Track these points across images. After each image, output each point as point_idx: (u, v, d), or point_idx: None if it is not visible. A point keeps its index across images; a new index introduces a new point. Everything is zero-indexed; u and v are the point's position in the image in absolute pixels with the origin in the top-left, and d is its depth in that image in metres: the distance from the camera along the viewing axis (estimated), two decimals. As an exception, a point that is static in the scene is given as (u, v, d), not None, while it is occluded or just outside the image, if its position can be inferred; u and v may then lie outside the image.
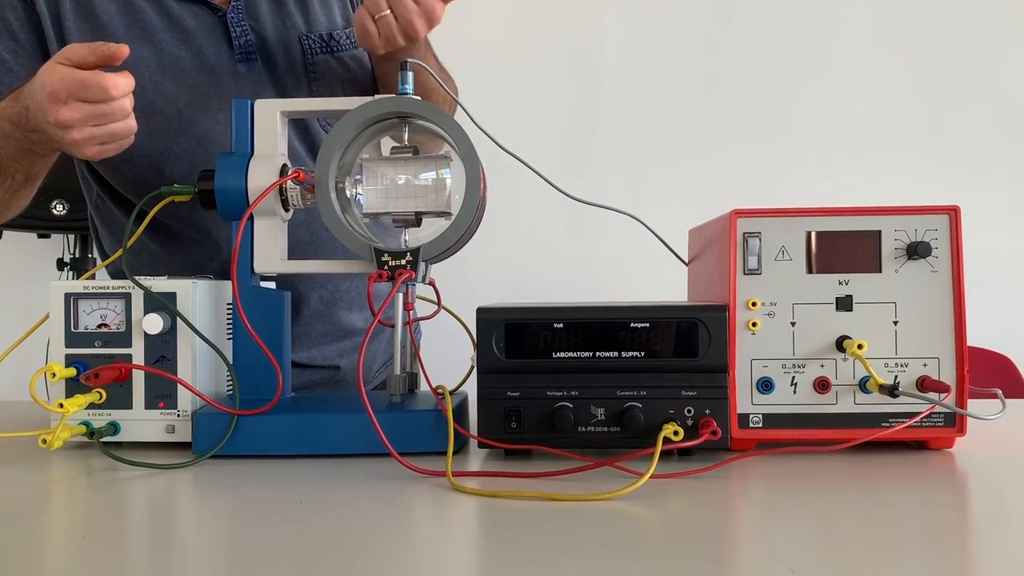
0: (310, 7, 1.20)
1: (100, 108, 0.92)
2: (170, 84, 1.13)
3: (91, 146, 0.95)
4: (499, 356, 0.83)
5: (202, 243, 1.19)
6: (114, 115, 0.93)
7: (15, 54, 1.12)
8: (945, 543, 0.60)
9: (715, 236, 0.92)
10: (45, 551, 0.60)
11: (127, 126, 0.96)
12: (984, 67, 2.37)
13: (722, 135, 2.38)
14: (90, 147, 0.95)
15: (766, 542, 0.60)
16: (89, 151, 0.96)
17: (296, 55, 1.18)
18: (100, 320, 0.90)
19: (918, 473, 0.79)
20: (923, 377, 0.84)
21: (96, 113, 0.92)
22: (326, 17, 1.21)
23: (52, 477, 0.80)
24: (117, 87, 0.92)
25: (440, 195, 0.89)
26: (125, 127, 0.96)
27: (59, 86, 0.91)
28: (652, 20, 2.41)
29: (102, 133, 0.94)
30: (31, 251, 2.33)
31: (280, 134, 0.94)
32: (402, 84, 0.89)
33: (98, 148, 0.96)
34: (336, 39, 1.20)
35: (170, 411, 0.89)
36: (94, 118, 0.93)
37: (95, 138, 0.94)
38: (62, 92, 0.91)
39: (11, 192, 1.09)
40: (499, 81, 2.33)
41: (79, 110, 0.92)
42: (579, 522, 0.63)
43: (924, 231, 0.84)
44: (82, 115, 0.92)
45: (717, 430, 0.80)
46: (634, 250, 1.52)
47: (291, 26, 1.18)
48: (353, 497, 0.71)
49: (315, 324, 1.24)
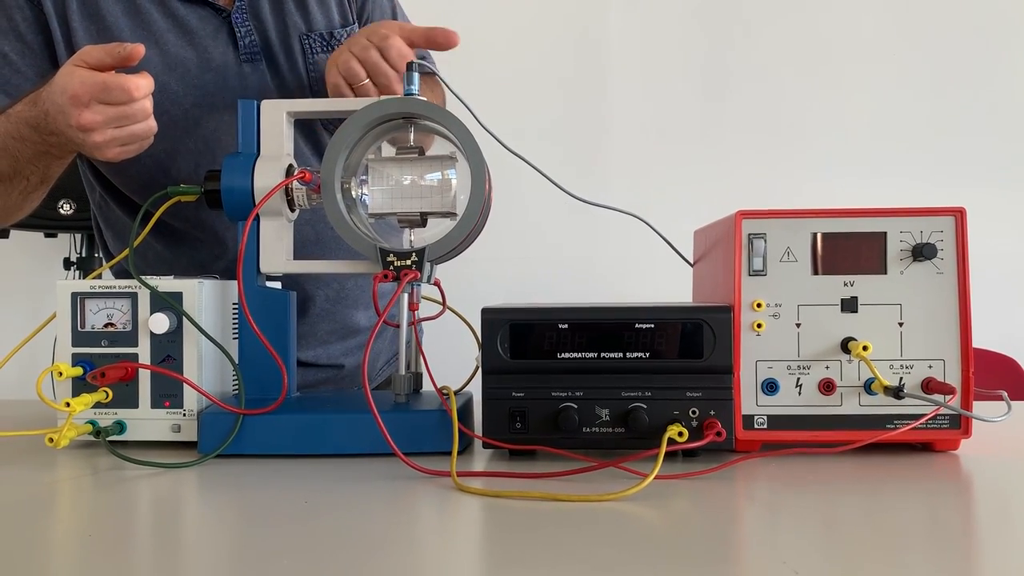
0: (309, 7, 1.21)
1: (122, 110, 0.93)
2: (176, 85, 1.13)
3: (112, 148, 0.96)
4: (504, 356, 0.83)
5: (208, 243, 1.19)
6: (135, 116, 0.94)
7: (23, 55, 1.13)
8: (950, 545, 0.60)
9: (720, 237, 0.92)
10: (51, 549, 0.61)
11: (148, 127, 0.96)
12: (989, 68, 2.36)
13: (727, 136, 2.38)
14: (111, 149, 0.96)
15: (771, 544, 0.60)
16: (110, 153, 0.96)
17: (297, 54, 1.19)
18: (107, 319, 0.90)
19: (923, 475, 0.79)
20: (928, 379, 0.83)
21: (118, 115, 0.93)
22: (324, 16, 1.22)
23: (58, 476, 0.81)
24: (139, 88, 0.92)
25: (445, 196, 0.89)
26: (146, 128, 0.96)
27: (80, 89, 0.91)
28: (658, 21, 2.41)
29: (123, 135, 0.95)
30: (38, 250, 2.34)
31: (286, 135, 0.94)
32: (408, 85, 0.89)
33: (119, 150, 0.97)
34: (337, 38, 1.21)
35: (176, 410, 0.89)
36: (116, 120, 0.93)
37: (117, 140, 0.95)
38: (84, 95, 0.91)
39: (25, 194, 1.10)
40: (504, 81, 2.33)
41: (101, 113, 0.92)
42: (583, 523, 0.63)
43: (930, 233, 0.84)
44: (104, 118, 0.92)
45: (722, 431, 0.80)
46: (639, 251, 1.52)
47: (292, 25, 1.19)
48: (358, 497, 0.72)
49: (321, 323, 1.25)
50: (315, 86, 1.19)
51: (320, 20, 1.21)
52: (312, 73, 1.19)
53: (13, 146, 1.02)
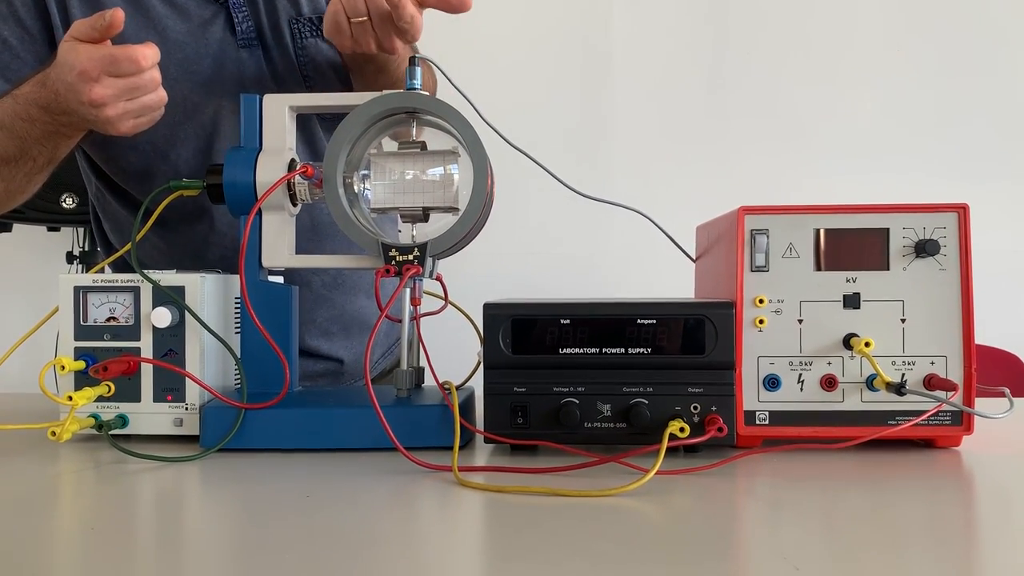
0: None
1: (132, 81, 0.93)
2: (174, 70, 1.13)
3: (126, 121, 0.96)
4: (506, 352, 0.83)
5: (203, 231, 1.19)
6: (146, 87, 0.94)
7: (22, 40, 1.13)
8: (951, 542, 0.60)
9: (723, 233, 0.92)
10: (54, 543, 0.61)
11: (159, 96, 0.97)
12: (992, 64, 2.35)
13: (730, 132, 2.37)
14: (125, 122, 0.96)
15: (772, 539, 0.60)
16: (124, 127, 0.96)
17: (287, 39, 1.18)
18: (109, 313, 0.90)
19: (925, 471, 0.79)
20: (930, 375, 0.83)
21: (128, 87, 0.93)
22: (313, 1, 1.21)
23: (61, 469, 0.81)
24: (147, 58, 0.93)
25: (448, 191, 0.89)
26: (157, 98, 0.97)
27: (88, 65, 0.91)
28: (661, 16, 2.40)
29: (135, 107, 0.95)
30: (41, 244, 2.34)
31: (288, 129, 0.94)
32: (410, 79, 0.89)
33: (132, 122, 0.97)
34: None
35: (178, 404, 0.89)
36: (127, 92, 0.93)
37: (129, 112, 0.95)
38: (93, 70, 0.91)
39: (30, 176, 1.10)
40: (507, 76, 2.32)
41: (112, 86, 0.92)
42: (584, 518, 0.63)
43: (932, 229, 0.84)
44: (115, 91, 0.92)
45: (723, 427, 0.80)
46: (641, 246, 1.52)
47: (282, 9, 1.19)
48: (359, 491, 0.72)
49: (319, 309, 1.25)
50: (305, 71, 1.18)
51: (308, 4, 1.21)
52: (302, 58, 1.18)
53: (21, 127, 1.02)
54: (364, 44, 0.99)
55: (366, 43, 0.99)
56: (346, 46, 1.00)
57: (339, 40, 1.00)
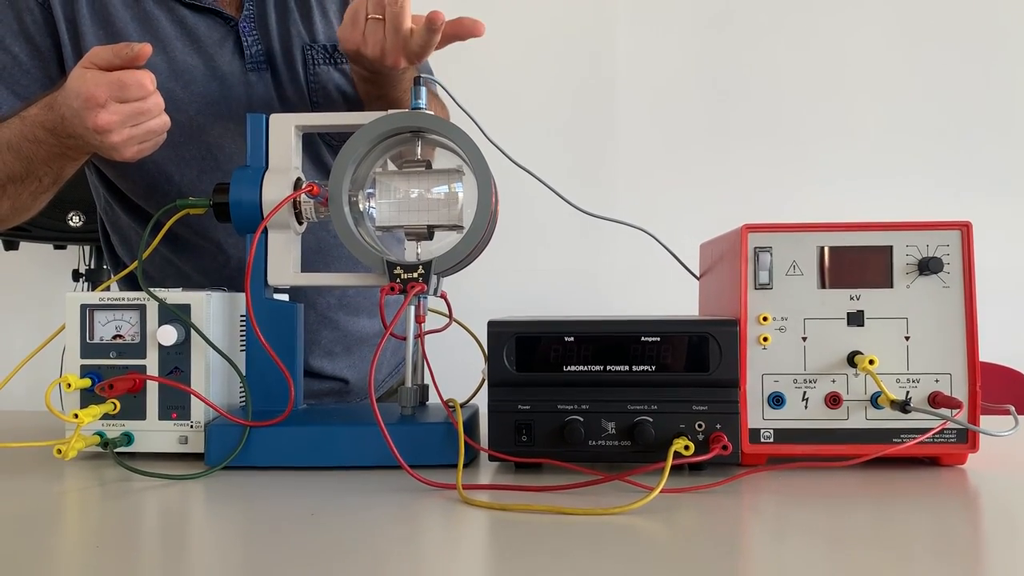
0: (313, 19, 1.21)
1: (138, 107, 0.94)
2: (181, 91, 1.14)
3: (130, 147, 0.97)
4: (510, 369, 0.83)
5: (211, 252, 1.20)
6: (151, 112, 0.95)
7: (32, 56, 1.14)
8: (956, 560, 0.60)
9: (726, 250, 0.92)
10: (59, 560, 0.61)
11: (163, 121, 0.98)
12: (998, 80, 2.36)
13: (735, 148, 2.38)
14: (129, 148, 0.97)
15: (777, 558, 0.60)
16: (128, 152, 0.97)
17: (298, 65, 1.19)
18: (115, 331, 0.90)
19: (930, 489, 0.78)
20: (935, 393, 0.83)
21: (134, 112, 0.94)
22: (328, 29, 1.22)
23: (66, 487, 0.81)
24: (153, 81, 0.94)
25: (452, 209, 0.90)
26: (161, 123, 0.98)
27: (96, 91, 0.92)
28: (664, 32, 2.42)
29: (140, 132, 0.96)
30: (47, 262, 2.35)
31: (294, 148, 0.94)
32: (415, 99, 0.90)
33: (137, 148, 0.98)
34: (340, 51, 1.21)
35: (183, 422, 0.89)
36: (133, 118, 0.94)
37: (134, 138, 0.96)
38: (100, 96, 0.92)
39: (36, 195, 1.11)
40: (511, 93, 2.34)
41: (117, 112, 0.93)
42: (589, 536, 0.63)
43: (936, 247, 0.84)
44: (121, 117, 0.93)
45: (728, 445, 0.79)
46: (645, 264, 1.52)
47: (296, 35, 1.20)
48: (364, 509, 0.72)
49: (323, 330, 1.25)
50: (315, 97, 1.20)
51: (322, 31, 1.22)
52: (312, 84, 1.20)
53: (28, 148, 1.03)
54: (372, 45, 0.99)
55: (374, 44, 0.99)
56: (356, 40, 1.00)
57: (351, 34, 1.00)
